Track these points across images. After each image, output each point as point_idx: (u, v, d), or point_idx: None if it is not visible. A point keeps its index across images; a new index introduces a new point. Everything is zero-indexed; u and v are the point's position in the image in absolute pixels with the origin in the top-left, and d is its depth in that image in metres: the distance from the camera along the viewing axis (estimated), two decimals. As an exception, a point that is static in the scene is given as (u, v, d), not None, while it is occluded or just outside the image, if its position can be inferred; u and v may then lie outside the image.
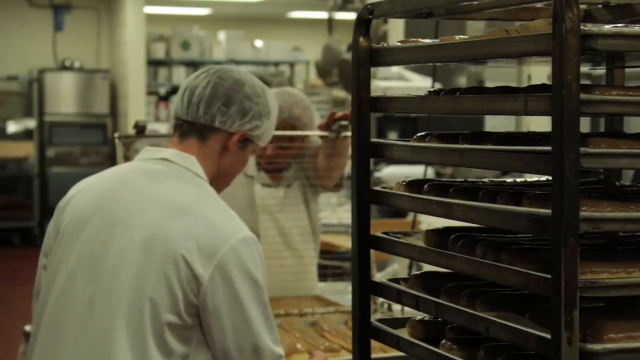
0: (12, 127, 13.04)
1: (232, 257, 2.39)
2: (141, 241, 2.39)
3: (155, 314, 2.35)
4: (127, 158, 3.85)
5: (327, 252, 5.75)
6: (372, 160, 2.25)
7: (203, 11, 14.94)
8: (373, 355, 2.29)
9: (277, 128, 3.00)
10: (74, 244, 2.48)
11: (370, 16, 2.17)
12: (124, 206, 2.47)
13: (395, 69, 7.91)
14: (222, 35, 14.07)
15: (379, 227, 2.43)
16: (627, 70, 2.30)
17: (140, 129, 3.81)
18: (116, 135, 3.86)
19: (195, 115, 2.59)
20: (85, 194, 2.57)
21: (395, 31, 8.60)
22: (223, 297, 2.39)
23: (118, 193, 2.51)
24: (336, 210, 7.15)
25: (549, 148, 1.68)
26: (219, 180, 2.65)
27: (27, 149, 13.00)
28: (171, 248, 2.37)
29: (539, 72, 7.00)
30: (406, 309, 3.17)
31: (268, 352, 2.43)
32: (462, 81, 8.09)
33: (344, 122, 3.86)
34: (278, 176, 4.10)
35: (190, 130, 2.60)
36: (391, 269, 4.97)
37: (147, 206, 2.45)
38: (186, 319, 2.36)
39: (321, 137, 3.96)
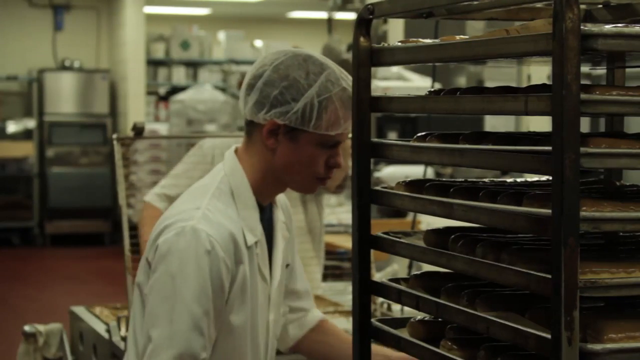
0: (11, 127, 13.05)
1: (163, 246, 2.35)
2: None
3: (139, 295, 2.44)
4: (126, 159, 3.85)
5: (327, 252, 5.75)
6: (372, 160, 2.25)
7: (203, 11, 14.94)
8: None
9: None
10: None
11: (371, 16, 2.17)
12: None
13: (395, 69, 7.91)
14: (221, 35, 14.09)
15: (379, 227, 2.43)
16: (627, 70, 2.30)
17: (138, 131, 3.82)
18: (114, 136, 3.87)
19: (241, 108, 2.49)
20: None
21: (395, 31, 8.61)
22: (150, 284, 2.37)
23: None
24: (336, 211, 7.15)
25: (549, 148, 1.68)
26: (284, 178, 2.48)
27: (26, 149, 13.00)
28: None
29: (539, 72, 7.01)
30: (406, 309, 3.17)
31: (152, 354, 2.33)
32: (462, 81, 8.09)
33: None
34: None
35: (245, 126, 2.51)
36: (391, 269, 4.97)
37: None
38: None
39: None
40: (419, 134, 2.16)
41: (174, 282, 2.32)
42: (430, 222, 4.41)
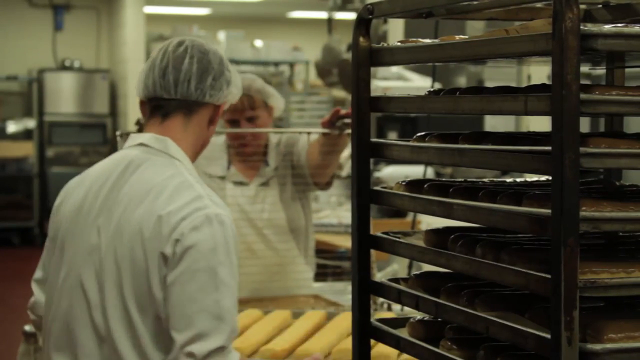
0: (12, 127, 13.04)
1: (191, 236, 2.39)
2: (115, 232, 2.46)
3: (139, 302, 2.41)
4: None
5: (327, 251, 5.75)
6: (372, 160, 2.25)
7: (203, 11, 14.95)
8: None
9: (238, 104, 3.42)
10: (68, 245, 2.56)
11: (370, 16, 2.17)
12: (103, 200, 2.52)
13: (395, 69, 7.91)
14: (221, 35, 14.07)
15: (379, 227, 2.43)
16: (627, 70, 2.30)
17: (142, 126, 3.82)
18: (118, 133, 3.88)
19: (186, 92, 2.56)
20: (74, 193, 2.62)
21: (395, 31, 8.60)
22: (179, 275, 2.38)
23: (100, 188, 2.55)
24: (336, 210, 7.15)
25: (549, 148, 1.68)
26: (199, 152, 2.66)
27: (26, 149, 13.00)
28: (138, 230, 2.42)
29: (539, 72, 7.00)
30: (406, 308, 3.17)
31: (205, 340, 2.36)
32: (461, 81, 8.09)
33: (348, 120, 3.86)
34: (254, 169, 4.10)
35: (176, 108, 2.58)
36: (391, 269, 4.97)
37: (122, 196, 2.50)
38: (161, 300, 2.40)
39: (323, 134, 3.98)
40: (419, 134, 2.16)
41: (213, 268, 2.38)
42: (430, 222, 4.41)
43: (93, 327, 2.46)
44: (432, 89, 2.24)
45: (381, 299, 3.87)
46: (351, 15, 8.94)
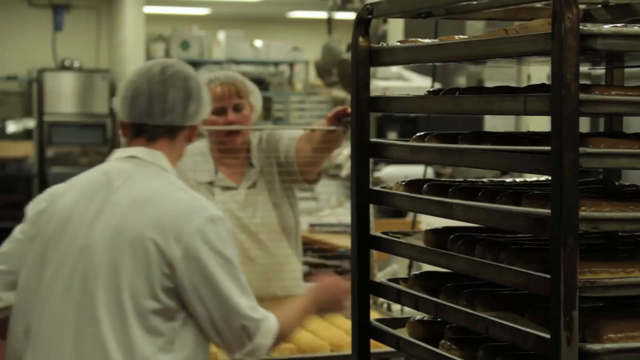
0: (11, 127, 13.04)
1: (198, 237, 2.54)
2: (112, 237, 2.56)
3: (135, 302, 2.52)
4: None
5: (327, 251, 5.75)
6: (371, 160, 2.25)
7: (203, 11, 14.94)
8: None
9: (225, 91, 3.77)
10: (54, 247, 2.64)
11: (370, 16, 2.17)
12: (97, 207, 2.62)
13: (394, 69, 7.90)
14: (221, 35, 14.07)
15: (379, 227, 2.43)
16: (626, 70, 2.30)
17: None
18: (120, 132, 3.88)
19: (172, 120, 2.71)
20: (63, 199, 2.70)
21: (394, 31, 8.60)
22: (196, 276, 2.53)
23: (92, 195, 2.65)
24: (336, 210, 7.15)
25: (549, 148, 1.68)
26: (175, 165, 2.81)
27: (26, 149, 12.99)
28: (139, 237, 2.53)
29: (539, 72, 6.99)
30: (406, 308, 3.18)
31: (249, 319, 2.56)
32: (461, 81, 8.09)
33: None
34: (240, 172, 4.09)
35: (161, 133, 2.72)
36: (391, 269, 4.97)
37: (116, 203, 2.60)
38: (166, 301, 2.53)
39: (329, 131, 3.99)
40: (418, 134, 2.16)
41: (228, 257, 2.56)
42: (430, 222, 4.41)
43: (76, 325, 2.54)
44: (431, 89, 2.24)
45: (381, 299, 3.87)
46: (351, 15, 8.93)
